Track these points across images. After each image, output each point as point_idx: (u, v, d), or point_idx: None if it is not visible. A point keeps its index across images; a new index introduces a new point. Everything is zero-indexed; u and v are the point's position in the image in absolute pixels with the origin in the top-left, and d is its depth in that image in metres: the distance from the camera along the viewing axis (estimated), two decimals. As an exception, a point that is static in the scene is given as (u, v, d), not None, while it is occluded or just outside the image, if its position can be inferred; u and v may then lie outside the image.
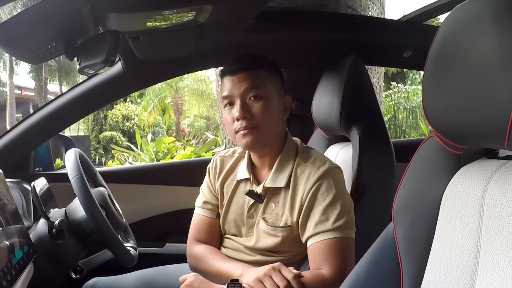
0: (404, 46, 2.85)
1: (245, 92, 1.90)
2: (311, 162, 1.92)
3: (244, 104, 1.89)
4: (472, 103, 1.08)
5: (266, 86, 1.92)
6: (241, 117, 1.87)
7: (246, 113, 1.88)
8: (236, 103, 1.90)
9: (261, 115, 1.89)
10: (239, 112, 1.88)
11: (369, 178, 2.14)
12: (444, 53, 1.17)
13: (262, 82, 1.92)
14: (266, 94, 1.91)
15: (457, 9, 1.18)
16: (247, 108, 1.89)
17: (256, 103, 1.90)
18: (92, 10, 1.65)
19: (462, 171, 1.25)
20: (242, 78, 1.91)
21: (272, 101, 1.93)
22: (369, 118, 2.30)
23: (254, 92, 1.90)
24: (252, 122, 1.88)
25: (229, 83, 1.93)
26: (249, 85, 1.90)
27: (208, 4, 1.78)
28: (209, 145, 12.88)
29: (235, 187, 2.07)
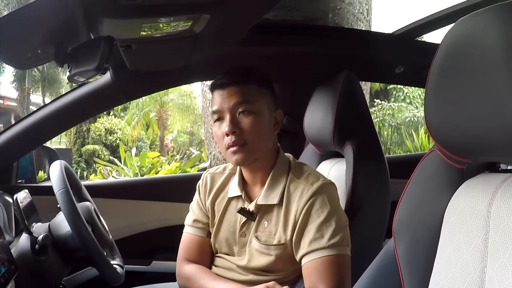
0: (396, 62, 2.86)
1: (234, 106, 1.84)
2: (304, 178, 1.88)
3: (233, 119, 1.84)
4: (479, 115, 1.06)
5: (257, 100, 1.87)
6: (230, 132, 1.82)
7: (235, 129, 1.83)
8: (226, 118, 1.85)
9: (251, 130, 1.84)
10: (228, 127, 1.82)
11: (364, 194, 2.11)
12: (448, 65, 1.16)
13: (252, 96, 1.87)
14: (256, 109, 1.86)
15: (462, 22, 1.17)
16: (237, 123, 1.84)
17: (246, 118, 1.84)
18: (85, 15, 1.61)
19: (465, 185, 1.23)
20: (232, 92, 1.86)
21: (262, 116, 1.88)
22: (363, 134, 2.28)
23: (244, 106, 1.84)
24: (242, 138, 1.83)
25: (219, 97, 1.88)
26: (238, 100, 1.84)
27: (205, 13, 1.75)
28: (194, 160, 12.82)
29: (226, 204, 2.01)
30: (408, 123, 15.87)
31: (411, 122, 15.79)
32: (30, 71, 24.91)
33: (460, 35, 1.15)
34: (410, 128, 15.44)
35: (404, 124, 15.95)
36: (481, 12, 1.11)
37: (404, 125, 15.94)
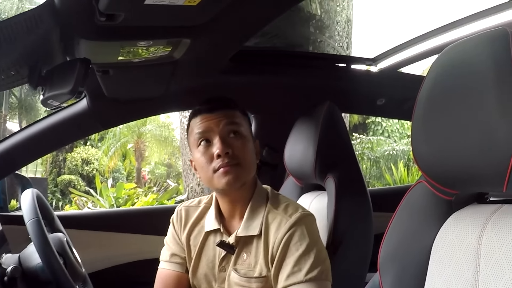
0: (378, 94, 2.86)
1: (225, 127, 1.79)
2: (282, 209, 1.82)
3: (225, 140, 1.78)
4: (468, 145, 1.05)
5: (243, 125, 1.84)
6: (223, 152, 1.75)
7: (228, 149, 1.76)
8: (215, 139, 1.79)
9: (243, 152, 1.79)
10: (221, 147, 1.75)
11: (346, 228, 2.07)
12: (436, 95, 1.16)
13: (239, 120, 1.84)
14: (245, 133, 1.83)
15: (449, 50, 1.17)
16: (228, 144, 1.78)
17: (237, 140, 1.80)
18: (62, 35, 1.56)
19: (453, 217, 1.21)
20: (221, 115, 1.81)
21: (249, 141, 1.85)
22: (345, 166, 2.24)
23: (234, 128, 1.80)
24: (234, 159, 1.77)
25: (206, 121, 1.82)
26: (229, 121, 1.80)
27: (186, 38, 1.72)
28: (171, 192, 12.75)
29: (203, 239, 1.94)
30: (387, 156, 16.04)
31: (390, 156, 15.96)
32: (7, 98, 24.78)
33: (448, 64, 1.16)
34: (389, 162, 15.60)
35: (383, 158, 16.12)
36: (470, 40, 1.12)
37: (383, 159, 16.11)
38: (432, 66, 1.19)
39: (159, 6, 1.34)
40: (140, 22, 1.52)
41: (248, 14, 1.77)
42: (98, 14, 1.37)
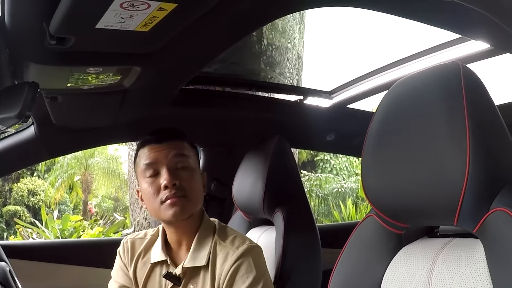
0: (327, 130, 2.87)
1: (172, 158, 1.79)
2: (230, 241, 1.81)
3: (173, 171, 1.77)
4: (419, 179, 1.06)
5: (190, 157, 1.84)
6: (171, 184, 1.74)
7: (175, 180, 1.75)
8: (162, 170, 1.78)
9: (190, 184, 1.79)
10: (169, 179, 1.75)
11: (294, 263, 2.05)
12: (386, 129, 1.16)
13: (188, 152, 1.84)
14: (192, 165, 1.83)
15: (400, 84, 1.18)
16: (175, 175, 1.77)
17: (184, 172, 1.79)
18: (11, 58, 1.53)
19: (403, 251, 1.21)
20: (169, 146, 1.81)
21: (196, 173, 1.85)
22: (294, 201, 2.23)
23: (183, 160, 1.80)
24: (181, 190, 1.76)
25: (154, 152, 1.81)
26: (177, 152, 1.80)
27: (136, 66, 1.71)
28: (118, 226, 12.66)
29: (149, 271, 1.91)
30: (335, 194, 16.14)
31: (339, 193, 16.07)
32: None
33: (399, 97, 1.17)
34: (338, 199, 15.71)
35: (332, 195, 16.22)
36: (422, 73, 1.14)
37: (331, 196, 16.21)
38: (383, 100, 1.20)
39: (110, 31, 1.32)
40: (90, 47, 1.49)
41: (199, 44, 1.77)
42: (48, 37, 1.35)
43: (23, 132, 2.44)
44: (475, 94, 1.04)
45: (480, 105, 1.04)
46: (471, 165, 0.98)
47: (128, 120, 2.42)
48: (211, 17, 1.50)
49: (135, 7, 1.19)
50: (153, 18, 1.27)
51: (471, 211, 1.01)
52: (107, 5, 1.17)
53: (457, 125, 1.00)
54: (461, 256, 1.05)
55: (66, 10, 1.18)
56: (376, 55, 27.49)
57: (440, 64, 1.11)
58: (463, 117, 1.00)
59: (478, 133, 1.00)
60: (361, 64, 29.56)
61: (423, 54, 2.20)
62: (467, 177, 0.98)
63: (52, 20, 1.27)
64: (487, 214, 1.00)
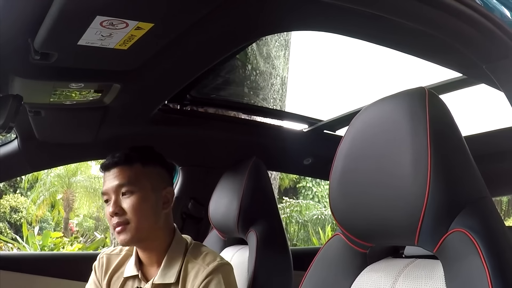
0: (305, 154, 2.89)
1: (117, 188, 1.83)
2: (201, 258, 1.83)
3: (116, 201, 1.82)
4: (382, 200, 1.09)
5: (139, 180, 1.86)
6: (113, 214, 1.80)
7: (117, 210, 1.80)
8: (111, 199, 1.84)
9: (133, 211, 1.81)
10: (111, 209, 1.80)
11: (265, 282, 2.08)
12: (353, 151, 1.19)
13: (135, 176, 1.86)
14: (138, 189, 1.84)
15: (368, 108, 1.21)
16: (119, 204, 1.82)
17: (128, 199, 1.82)
18: None
19: (368, 269, 1.24)
20: (116, 174, 1.85)
21: (146, 196, 1.85)
22: (267, 221, 2.26)
23: (126, 188, 1.82)
24: (124, 218, 1.81)
25: (106, 179, 1.88)
26: (120, 182, 1.83)
27: (116, 83, 1.75)
28: (97, 244, 12.58)
29: (121, 285, 1.94)
30: (315, 220, 16.07)
31: (318, 220, 16.02)
32: None
33: (366, 121, 1.19)
34: (317, 226, 15.63)
35: (311, 222, 16.15)
36: (389, 98, 1.16)
37: (311, 222, 16.13)
38: (352, 124, 1.23)
39: (91, 48, 1.36)
40: (73, 63, 1.54)
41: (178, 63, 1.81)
42: (33, 52, 1.39)
43: (7, 145, 2.47)
44: (439, 119, 1.07)
45: (444, 131, 1.07)
46: (431, 188, 1.00)
47: (108, 137, 2.45)
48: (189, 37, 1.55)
49: (114, 26, 1.24)
50: (132, 36, 1.31)
51: (431, 232, 1.03)
52: (88, 23, 1.22)
53: (419, 149, 1.03)
54: (422, 275, 1.07)
55: (50, 27, 1.23)
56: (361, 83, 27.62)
57: (407, 89, 1.14)
58: (426, 141, 1.03)
59: (439, 157, 1.02)
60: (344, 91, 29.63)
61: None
62: (426, 199, 1.00)
63: (36, 36, 1.32)
64: (446, 235, 1.02)
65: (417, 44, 1.62)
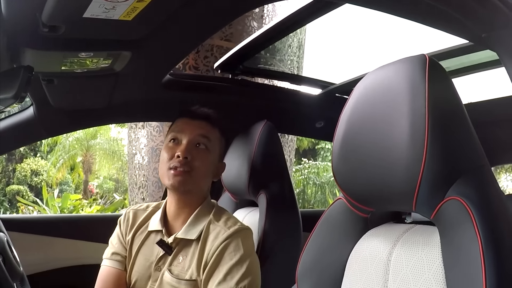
0: (317, 117, 2.90)
1: (196, 137, 1.90)
2: (223, 222, 1.90)
3: (190, 146, 1.89)
4: (380, 166, 1.11)
5: (215, 143, 1.95)
6: (183, 155, 1.85)
7: (189, 154, 1.87)
8: (183, 142, 1.90)
9: (200, 162, 1.89)
10: (183, 151, 1.86)
11: (274, 243, 2.12)
12: (355, 117, 1.20)
13: (214, 138, 1.95)
14: (212, 148, 1.93)
15: (371, 74, 1.22)
16: (190, 150, 1.88)
17: (200, 152, 1.90)
18: (8, 44, 1.59)
19: (368, 234, 1.26)
20: (200, 125, 1.93)
21: (212, 157, 1.95)
22: (277, 184, 2.30)
23: (204, 141, 1.91)
24: (189, 165, 1.87)
25: (185, 124, 1.94)
26: (201, 133, 1.91)
27: (126, 51, 1.77)
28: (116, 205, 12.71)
29: (145, 238, 2.01)
30: (332, 182, 15.94)
31: (335, 181, 15.96)
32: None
33: (368, 87, 1.20)
34: (334, 187, 15.59)
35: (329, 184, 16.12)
36: (390, 64, 1.17)
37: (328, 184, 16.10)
38: (355, 89, 1.24)
39: (97, 20, 1.39)
40: (80, 34, 1.57)
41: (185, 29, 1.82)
42: (41, 25, 1.42)
43: (23, 112, 2.50)
44: (439, 86, 1.07)
45: (443, 98, 1.07)
46: (428, 155, 1.01)
47: (122, 102, 2.47)
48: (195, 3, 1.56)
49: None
50: (134, 8, 1.34)
51: (427, 198, 1.05)
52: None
53: (417, 116, 1.04)
54: (419, 241, 1.09)
55: (55, 2, 1.26)
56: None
57: (409, 56, 1.14)
58: (424, 108, 1.03)
59: (437, 125, 1.03)
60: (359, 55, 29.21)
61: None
62: (423, 166, 1.01)
63: (43, 10, 1.34)
64: (442, 202, 1.03)
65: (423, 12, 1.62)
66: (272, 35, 2.39)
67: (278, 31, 2.33)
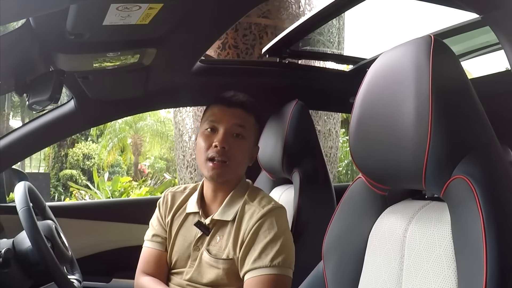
0: (350, 92, 2.90)
1: (233, 126, 1.94)
2: (257, 201, 1.95)
3: (227, 135, 1.93)
4: (391, 146, 1.14)
5: (251, 130, 1.99)
6: (221, 145, 1.90)
7: (226, 144, 1.91)
8: (220, 131, 1.94)
9: (237, 153, 1.94)
10: (221, 141, 1.90)
11: (307, 220, 2.16)
12: (368, 98, 1.23)
13: (250, 125, 1.98)
14: (248, 137, 1.97)
15: (383, 56, 1.24)
16: (228, 140, 1.92)
17: (238, 140, 1.94)
18: (40, 50, 1.68)
19: (387, 211, 1.29)
20: (237, 113, 1.96)
21: (248, 146, 1.99)
22: (310, 161, 2.33)
23: (241, 131, 1.95)
24: (226, 155, 1.92)
25: (221, 112, 1.97)
26: (239, 122, 1.94)
27: (151, 48, 1.84)
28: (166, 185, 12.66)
29: (183, 219, 2.08)
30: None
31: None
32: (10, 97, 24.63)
33: (379, 69, 1.23)
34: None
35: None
36: (399, 46, 1.19)
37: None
38: (369, 70, 1.27)
39: (116, 26, 1.47)
40: (104, 38, 1.65)
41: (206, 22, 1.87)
42: (67, 33, 1.51)
43: (65, 105, 2.62)
44: (443, 65, 1.07)
45: (447, 77, 1.07)
46: (432, 135, 1.03)
47: (156, 91, 2.55)
48: None
49: (129, 9, 1.34)
50: (148, 14, 1.41)
51: (435, 177, 1.06)
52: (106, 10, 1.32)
53: (422, 96, 1.05)
54: (432, 217, 1.11)
55: (75, 14, 1.34)
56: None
57: (416, 38, 1.15)
58: (427, 88, 1.04)
59: (441, 105, 1.04)
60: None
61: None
62: (428, 146, 1.03)
63: (67, 20, 1.43)
64: (449, 181, 1.05)
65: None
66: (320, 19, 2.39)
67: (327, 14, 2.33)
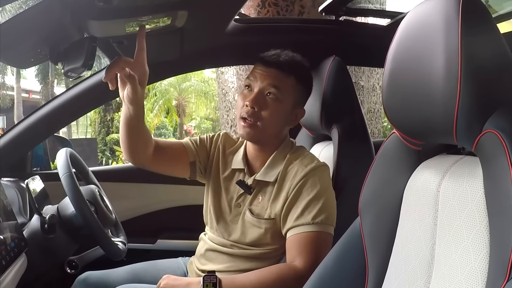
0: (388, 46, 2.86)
1: (265, 86, 1.94)
2: (300, 160, 1.97)
3: (259, 96, 1.94)
4: (422, 101, 1.12)
5: (288, 92, 1.97)
6: (251, 105, 1.91)
7: (256, 105, 1.92)
8: (254, 90, 1.95)
9: (268, 113, 1.94)
10: (252, 100, 1.92)
11: (346, 175, 2.17)
12: (400, 52, 1.21)
13: (286, 87, 1.96)
14: (283, 99, 1.96)
15: (413, 10, 1.22)
16: (259, 100, 1.93)
17: (270, 101, 1.94)
18: (72, 18, 1.70)
19: (422, 166, 1.28)
20: (271, 74, 1.95)
21: (285, 108, 1.98)
22: (349, 117, 2.33)
23: (274, 91, 1.94)
24: (257, 116, 1.93)
25: (258, 72, 1.98)
26: (271, 82, 1.94)
27: (182, 10, 1.84)
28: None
29: (230, 174, 2.11)
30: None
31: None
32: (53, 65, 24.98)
33: (409, 24, 1.21)
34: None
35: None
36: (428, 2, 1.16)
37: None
38: (400, 26, 1.24)
39: None
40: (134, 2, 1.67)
41: None
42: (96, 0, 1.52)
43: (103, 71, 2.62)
44: (472, 21, 1.04)
45: (477, 31, 1.05)
46: (462, 89, 1.01)
47: (193, 52, 2.56)
48: None
49: None
50: None
51: (465, 132, 1.05)
52: None
53: (451, 50, 1.03)
54: (465, 172, 1.10)
55: None
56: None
57: None
58: (457, 43, 1.02)
59: (471, 59, 1.02)
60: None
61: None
62: (458, 100, 1.02)
63: None
64: (480, 135, 1.03)
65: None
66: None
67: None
